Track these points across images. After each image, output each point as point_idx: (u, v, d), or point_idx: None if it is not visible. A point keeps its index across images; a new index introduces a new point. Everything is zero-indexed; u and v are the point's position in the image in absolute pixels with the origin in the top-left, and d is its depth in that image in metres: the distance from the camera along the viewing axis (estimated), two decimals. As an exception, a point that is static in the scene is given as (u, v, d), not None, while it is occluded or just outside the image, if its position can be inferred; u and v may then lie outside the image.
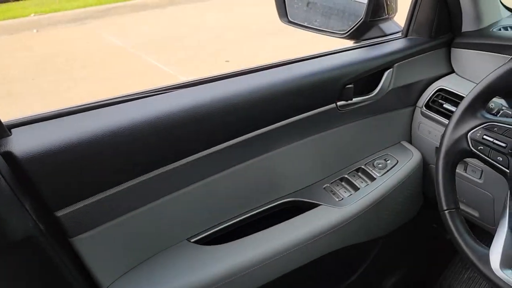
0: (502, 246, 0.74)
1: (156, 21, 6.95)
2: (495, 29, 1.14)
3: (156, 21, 6.91)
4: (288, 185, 1.08)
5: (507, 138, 0.75)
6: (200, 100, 0.84)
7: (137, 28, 6.59)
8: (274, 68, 1.00)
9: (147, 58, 5.18)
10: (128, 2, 7.70)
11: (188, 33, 6.06)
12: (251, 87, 0.90)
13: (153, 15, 7.30)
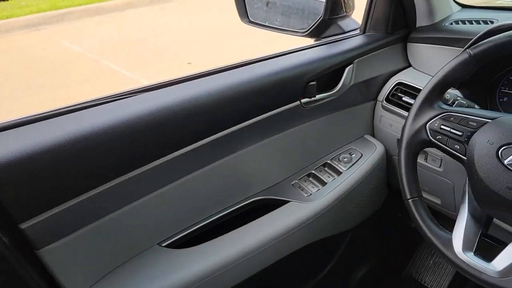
0: (463, 231, 0.78)
1: (114, 24, 6.79)
2: (447, 23, 1.19)
3: (114, 25, 6.76)
4: (257, 183, 1.09)
5: (462, 127, 0.78)
6: (164, 104, 0.84)
7: (94, 32, 6.42)
8: (237, 69, 1.00)
9: (106, 62, 5.06)
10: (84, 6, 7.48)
11: (148, 36, 5.97)
12: (214, 89, 0.90)
13: (111, 18, 7.14)
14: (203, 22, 6.41)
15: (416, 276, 1.65)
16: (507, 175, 0.70)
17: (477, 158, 0.74)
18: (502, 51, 0.76)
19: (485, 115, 0.78)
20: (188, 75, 0.95)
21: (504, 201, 0.71)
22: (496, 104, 1.07)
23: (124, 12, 7.40)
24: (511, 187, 0.70)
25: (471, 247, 0.77)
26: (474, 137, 0.76)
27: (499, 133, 0.73)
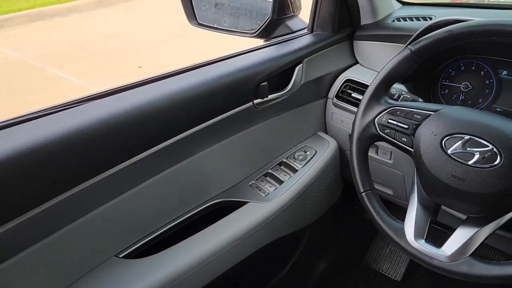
0: (414, 219, 0.82)
1: (59, 30, 6.53)
2: (390, 20, 1.24)
3: (59, 30, 6.49)
4: (214, 186, 1.09)
5: (408, 120, 0.82)
6: (113, 111, 0.81)
7: (37, 38, 6.13)
8: (188, 72, 0.99)
9: (52, 70, 4.85)
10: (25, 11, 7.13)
11: (95, 41, 5.78)
12: (165, 93, 0.89)
13: (55, 23, 6.85)
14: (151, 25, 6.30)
15: (374, 266, 1.71)
16: (451, 164, 0.74)
17: (423, 149, 0.78)
18: (440, 46, 0.80)
19: (428, 108, 0.81)
20: (137, 81, 0.94)
21: (449, 189, 0.74)
22: (438, 97, 1.12)
23: (69, 16, 7.13)
24: (455, 175, 0.73)
25: (422, 234, 0.80)
26: (419, 129, 0.80)
27: (442, 125, 0.76)
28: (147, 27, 6.25)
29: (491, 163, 0.70)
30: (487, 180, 0.70)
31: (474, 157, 0.72)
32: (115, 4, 7.59)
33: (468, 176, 0.72)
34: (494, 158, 0.70)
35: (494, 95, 1.04)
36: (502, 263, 0.71)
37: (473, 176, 0.71)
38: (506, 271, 0.69)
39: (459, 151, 0.73)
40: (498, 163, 0.69)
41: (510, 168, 0.68)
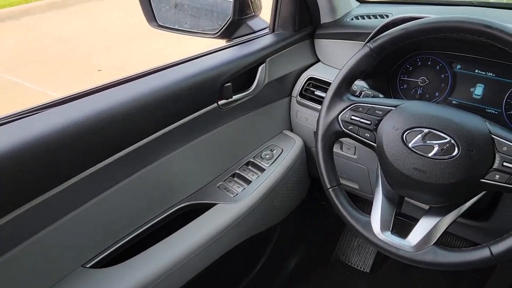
0: (380, 212, 0.84)
1: (11, 33, 6.26)
2: (348, 19, 1.27)
3: (11, 34, 6.23)
4: (182, 189, 1.08)
5: (370, 116, 0.84)
6: (75, 118, 0.79)
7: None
8: (150, 75, 0.98)
9: (5, 75, 4.65)
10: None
11: (51, 44, 5.58)
12: (128, 97, 0.87)
13: (6, 27, 6.57)
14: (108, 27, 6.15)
15: (343, 259, 1.74)
16: (412, 157, 0.76)
17: (385, 144, 0.80)
18: (397, 43, 0.82)
19: (388, 104, 0.84)
20: (98, 85, 0.91)
21: (411, 181, 0.77)
22: (398, 92, 1.16)
23: (20, 19, 6.85)
24: (416, 167, 0.76)
25: (388, 226, 0.83)
26: (381, 124, 0.82)
27: (402, 119, 0.79)
28: (103, 29, 6.10)
29: (449, 155, 0.73)
30: (447, 171, 0.73)
31: (434, 150, 0.74)
32: (70, 6, 7.36)
33: (429, 168, 0.75)
34: (452, 150, 0.73)
35: (450, 88, 1.08)
36: (464, 250, 0.74)
37: (433, 167, 0.74)
38: (467, 258, 0.72)
39: (419, 144, 0.76)
40: (456, 154, 0.72)
41: (467, 159, 0.71)
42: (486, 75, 1.03)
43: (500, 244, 0.70)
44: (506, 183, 0.70)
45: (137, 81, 0.95)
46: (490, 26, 0.70)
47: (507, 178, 0.70)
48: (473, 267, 0.73)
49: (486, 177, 0.72)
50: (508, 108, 1.00)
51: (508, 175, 0.70)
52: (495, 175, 0.71)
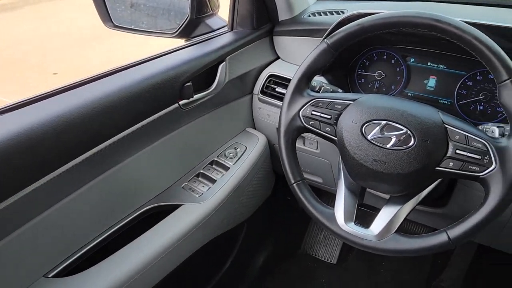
0: (343, 204, 0.86)
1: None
2: (306, 15, 1.29)
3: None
4: (147, 191, 1.06)
5: (330, 111, 0.86)
6: (30, 123, 0.76)
7: None
8: (108, 77, 0.95)
9: (-48, 82, 4.41)
10: None
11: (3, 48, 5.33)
12: (86, 100, 0.85)
13: None
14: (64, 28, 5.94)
15: (310, 252, 1.77)
16: (372, 148, 0.79)
17: (346, 137, 0.82)
18: (353, 39, 0.84)
19: (347, 98, 0.86)
20: (54, 88, 0.88)
21: (372, 172, 0.79)
22: (356, 86, 1.19)
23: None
24: (376, 159, 0.78)
25: (351, 217, 0.85)
26: (341, 118, 0.84)
27: (360, 113, 0.81)
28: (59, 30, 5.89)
29: (406, 145, 0.76)
30: (404, 160, 0.76)
31: (392, 141, 0.77)
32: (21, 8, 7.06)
33: (387, 159, 0.77)
34: (408, 140, 0.75)
35: (405, 81, 1.12)
36: (423, 236, 0.77)
37: (392, 158, 0.77)
38: (426, 243, 0.75)
39: (378, 136, 0.78)
40: (413, 144, 0.75)
41: (423, 148, 0.74)
42: (438, 67, 1.08)
43: (456, 228, 0.73)
44: (460, 170, 0.73)
45: (95, 83, 0.92)
46: (439, 20, 0.73)
47: (460, 165, 0.73)
48: (432, 252, 0.76)
49: (441, 165, 0.75)
50: (460, 98, 1.05)
51: (461, 162, 0.73)
52: (449, 162, 0.74)
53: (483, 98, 1.02)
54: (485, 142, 0.72)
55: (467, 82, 1.04)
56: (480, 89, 1.03)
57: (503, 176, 0.69)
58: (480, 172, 0.71)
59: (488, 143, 0.71)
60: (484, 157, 0.71)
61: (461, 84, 1.05)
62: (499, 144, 0.70)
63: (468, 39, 0.71)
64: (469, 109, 1.05)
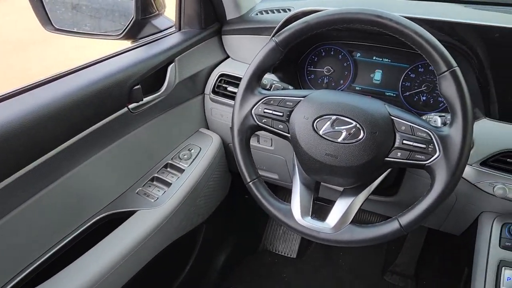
0: (299, 199, 0.87)
1: None
2: (253, 14, 1.29)
3: None
4: (99, 199, 1.03)
5: (282, 108, 0.86)
6: None
7: None
8: (52, 83, 0.91)
9: None
10: None
11: None
12: (29, 108, 0.81)
13: None
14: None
15: (270, 248, 1.79)
16: (324, 143, 0.80)
17: (298, 133, 0.83)
18: (300, 36, 0.86)
19: (298, 94, 0.87)
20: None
21: (325, 166, 0.81)
22: (306, 82, 1.21)
23: None
24: (328, 153, 0.80)
25: (307, 212, 0.86)
26: (293, 115, 0.85)
27: (311, 108, 0.82)
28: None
29: (356, 138, 0.78)
30: (355, 153, 0.78)
31: (342, 135, 0.79)
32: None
33: (339, 153, 0.79)
34: (358, 133, 0.78)
35: (352, 75, 1.15)
36: (376, 225, 0.79)
37: (343, 151, 0.79)
38: (380, 232, 0.78)
39: (329, 130, 0.80)
40: (362, 137, 0.77)
41: (372, 140, 0.77)
42: (383, 61, 1.12)
43: (406, 215, 0.76)
44: (407, 159, 0.76)
45: (38, 90, 0.88)
46: (381, 16, 0.76)
47: (407, 155, 0.76)
48: (386, 240, 0.79)
49: (389, 155, 0.78)
50: (404, 90, 1.10)
51: (408, 151, 0.76)
52: (397, 153, 0.77)
53: (425, 89, 1.07)
54: (429, 131, 0.75)
55: (410, 74, 1.09)
56: (422, 80, 1.07)
57: (446, 163, 0.73)
58: (425, 161, 0.75)
59: (432, 132, 0.75)
60: (429, 145, 0.74)
61: (404, 76, 1.09)
62: (442, 133, 0.74)
63: (409, 34, 0.74)
64: (413, 100, 1.09)
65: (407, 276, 1.66)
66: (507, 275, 0.88)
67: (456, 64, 0.73)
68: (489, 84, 0.93)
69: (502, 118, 0.94)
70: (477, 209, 1.05)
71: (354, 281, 1.65)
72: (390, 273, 1.67)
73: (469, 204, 1.05)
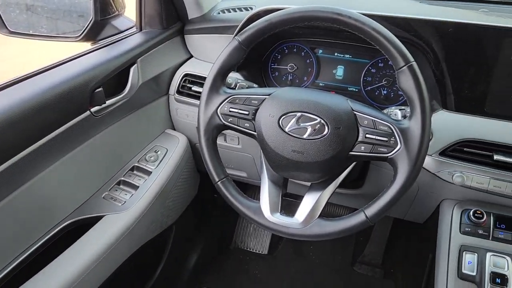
0: (268, 196, 0.88)
1: None
2: (215, 13, 1.29)
3: None
4: (64, 206, 1.00)
5: (247, 106, 0.87)
6: None
7: None
8: (10, 87, 0.88)
9: None
10: None
11: None
12: None
13: None
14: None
15: (241, 246, 1.80)
16: (290, 140, 0.81)
17: (264, 131, 0.84)
18: (263, 34, 0.86)
19: (263, 92, 0.88)
20: None
21: (292, 163, 0.82)
22: (271, 80, 1.22)
23: None
24: (294, 149, 0.81)
25: (276, 208, 0.87)
26: (258, 113, 0.85)
27: (276, 106, 0.83)
28: None
29: (321, 134, 0.79)
30: (321, 148, 0.79)
31: (307, 131, 0.80)
32: None
33: (305, 149, 0.80)
34: (323, 129, 0.79)
35: (316, 72, 1.17)
36: (344, 217, 0.81)
37: (309, 147, 0.80)
38: (347, 224, 0.80)
39: (295, 127, 0.81)
40: (327, 133, 0.79)
41: (336, 135, 0.78)
42: (344, 57, 1.14)
43: (372, 207, 0.79)
44: (370, 153, 0.79)
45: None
46: (341, 13, 0.78)
47: (371, 148, 0.78)
48: (354, 231, 0.81)
49: (353, 149, 0.80)
50: (366, 85, 1.13)
51: (371, 145, 0.78)
52: (361, 146, 0.79)
53: (386, 83, 1.10)
54: (390, 124, 0.77)
55: (371, 70, 1.12)
56: (382, 75, 1.11)
57: (407, 155, 0.75)
58: (388, 153, 0.77)
59: (393, 126, 0.77)
60: (390, 138, 0.77)
61: (365, 71, 1.12)
62: (402, 126, 0.77)
63: (367, 30, 0.76)
64: (374, 94, 1.12)
65: (375, 265, 1.71)
66: (468, 259, 0.92)
67: (413, 59, 0.75)
68: (444, 77, 0.97)
69: (458, 109, 0.99)
70: (438, 197, 1.09)
71: (325, 274, 1.69)
72: (359, 264, 1.72)
73: (430, 193, 1.09)
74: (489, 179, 0.96)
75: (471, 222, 0.98)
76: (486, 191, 0.97)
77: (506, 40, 0.92)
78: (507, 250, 0.92)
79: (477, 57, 0.95)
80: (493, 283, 0.86)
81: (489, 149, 0.96)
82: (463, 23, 0.95)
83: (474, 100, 0.97)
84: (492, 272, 0.88)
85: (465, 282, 0.90)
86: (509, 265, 0.88)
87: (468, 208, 1.01)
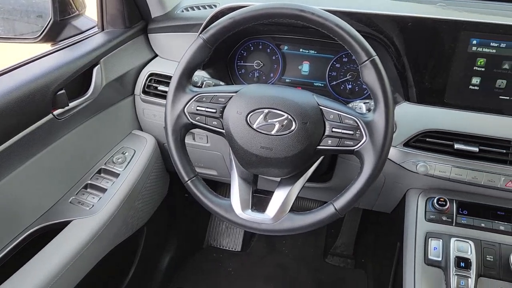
0: (238, 193, 0.88)
1: None
2: (179, 11, 1.27)
3: None
4: (30, 212, 0.97)
5: (214, 105, 0.87)
6: None
7: None
8: None
9: None
10: None
11: None
12: None
13: None
14: None
15: (214, 244, 1.80)
16: (258, 136, 0.82)
17: (233, 129, 0.84)
18: (227, 32, 0.86)
19: (229, 90, 0.88)
20: None
21: (261, 159, 0.83)
22: (238, 77, 1.22)
23: None
24: (263, 146, 0.82)
25: (247, 205, 0.88)
26: (226, 111, 0.85)
27: (243, 103, 0.83)
28: None
29: (289, 129, 0.80)
30: (289, 144, 0.80)
31: (275, 127, 0.81)
32: None
33: (273, 145, 0.81)
34: (290, 125, 0.80)
35: (282, 68, 1.18)
36: (314, 211, 0.83)
37: (277, 143, 0.81)
38: (317, 217, 0.81)
39: (262, 124, 0.82)
40: (294, 128, 0.80)
41: (303, 131, 0.79)
42: (309, 53, 1.16)
43: (340, 199, 0.80)
44: (337, 146, 0.80)
45: None
46: (304, 10, 0.78)
47: (337, 142, 0.80)
48: (324, 224, 0.83)
49: (321, 144, 0.81)
50: (331, 80, 1.14)
51: (338, 139, 0.80)
52: (328, 140, 0.80)
53: (350, 78, 1.12)
54: (355, 118, 0.79)
55: (335, 65, 1.13)
56: (347, 70, 1.13)
57: (373, 147, 0.77)
58: (354, 146, 0.79)
59: (358, 119, 0.79)
60: (356, 132, 0.79)
61: (330, 66, 1.14)
62: (367, 119, 0.78)
63: (330, 26, 0.78)
64: (340, 89, 1.14)
65: (347, 256, 1.75)
66: (433, 245, 0.95)
67: (375, 53, 0.77)
68: (406, 70, 1.00)
69: (420, 101, 1.02)
70: (404, 187, 1.12)
71: (298, 267, 1.71)
72: (331, 256, 1.75)
73: (396, 183, 1.12)
74: (450, 167, 1.00)
75: (436, 209, 1.01)
76: (448, 179, 1.01)
77: (461, 33, 0.96)
78: (470, 235, 0.96)
79: (435, 50, 0.98)
80: (458, 267, 0.90)
81: (450, 138, 0.99)
82: (421, 17, 0.98)
83: (434, 92, 1.00)
84: (456, 257, 0.91)
85: (431, 267, 0.93)
86: (472, 249, 0.92)
87: (432, 196, 1.04)
